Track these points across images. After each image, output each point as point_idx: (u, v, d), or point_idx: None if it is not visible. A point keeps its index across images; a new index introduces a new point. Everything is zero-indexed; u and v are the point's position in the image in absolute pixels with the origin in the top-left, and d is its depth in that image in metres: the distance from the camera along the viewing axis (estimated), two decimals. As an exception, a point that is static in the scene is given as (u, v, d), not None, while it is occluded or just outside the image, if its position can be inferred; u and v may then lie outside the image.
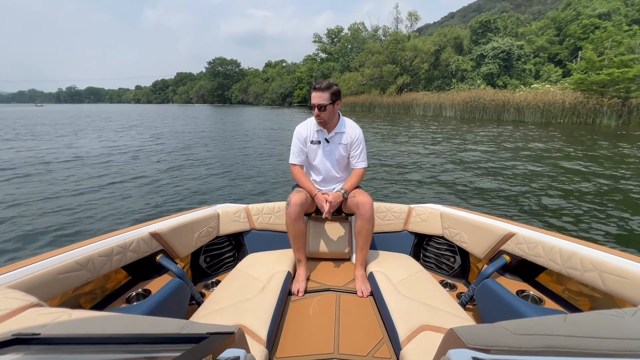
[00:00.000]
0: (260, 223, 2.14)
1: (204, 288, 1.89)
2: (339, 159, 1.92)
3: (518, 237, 1.56)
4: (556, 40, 35.91)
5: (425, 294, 1.51)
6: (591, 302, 1.34)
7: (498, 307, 1.39)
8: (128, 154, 9.03)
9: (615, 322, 0.62)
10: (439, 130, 14.95)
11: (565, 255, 1.32)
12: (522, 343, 0.55)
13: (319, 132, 1.90)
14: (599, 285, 1.19)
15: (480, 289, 1.54)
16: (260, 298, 1.42)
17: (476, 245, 1.77)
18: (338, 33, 52.78)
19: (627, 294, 1.11)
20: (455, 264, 2.04)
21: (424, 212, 2.09)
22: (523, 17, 43.20)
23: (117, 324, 0.72)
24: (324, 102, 1.74)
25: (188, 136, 13.77)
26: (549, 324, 0.61)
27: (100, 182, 5.97)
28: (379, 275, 1.66)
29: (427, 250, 2.16)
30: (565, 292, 1.47)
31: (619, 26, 19.76)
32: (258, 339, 1.15)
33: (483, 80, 29.30)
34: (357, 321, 1.42)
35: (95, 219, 4.20)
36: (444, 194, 5.28)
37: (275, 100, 61.31)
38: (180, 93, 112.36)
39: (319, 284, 1.73)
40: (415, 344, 1.14)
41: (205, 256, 2.03)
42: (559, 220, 3.96)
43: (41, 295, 0.99)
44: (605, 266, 1.18)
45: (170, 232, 1.67)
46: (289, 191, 1.91)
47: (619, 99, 16.40)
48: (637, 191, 5.08)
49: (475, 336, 0.58)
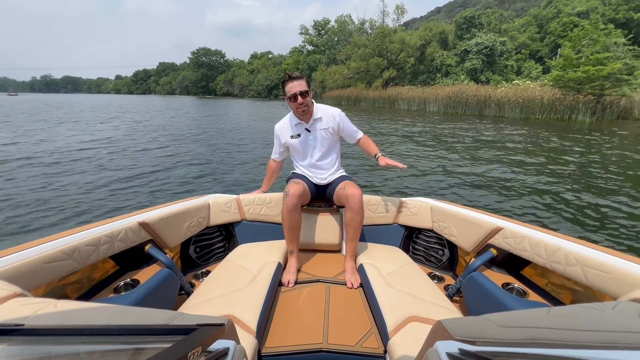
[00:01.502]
0: (251, 214, 2.14)
1: (194, 278, 1.88)
2: (323, 143, 1.96)
3: (505, 232, 1.59)
4: (537, 37, 36.72)
5: (414, 285, 1.54)
6: (573, 295, 1.38)
7: (484, 299, 1.43)
8: (107, 147, 8.62)
9: (597, 315, 0.63)
10: (415, 123, 15.05)
11: (550, 249, 1.35)
12: (507, 335, 0.56)
13: (298, 126, 1.94)
14: (581, 279, 1.22)
15: (467, 282, 1.58)
16: (250, 289, 1.42)
17: (464, 238, 1.81)
18: (325, 25, 52.17)
19: (607, 288, 1.14)
20: (444, 256, 2.08)
21: (415, 206, 2.12)
22: (507, 14, 43.88)
23: (104, 314, 0.70)
24: (304, 88, 1.77)
25: (176, 130, 13.31)
26: (533, 316, 0.62)
27: (78, 177, 5.67)
28: (369, 267, 1.68)
29: (416, 243, 2.20)
30: (549, 285, 1.51)
31: (595, 25, 20.27)
32: (248, 329, 1.16)
33: (467, 76, 29.66)
34: (347, 312, 1.44)
35: (72, 211, 4.08)
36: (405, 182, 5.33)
37: (261, 92, 60.30)
38: (163, 84, 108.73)
39: (310, 275, 1.75)
40: (403, 334, 1.16)
41: (195, 246, 2.02)
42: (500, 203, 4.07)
43: (25, 285, 0.97)
44: (588, 261, 1.20)
45: (160, 221, 1.65)
46: (284, 182, 1.96)
47: (594, 96, 16.92)
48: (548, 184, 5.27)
49: (462, 328, 0.59)
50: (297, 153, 2.03)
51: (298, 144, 1.96)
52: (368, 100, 31.52)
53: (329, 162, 2.01)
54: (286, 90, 1.79)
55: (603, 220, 3.95)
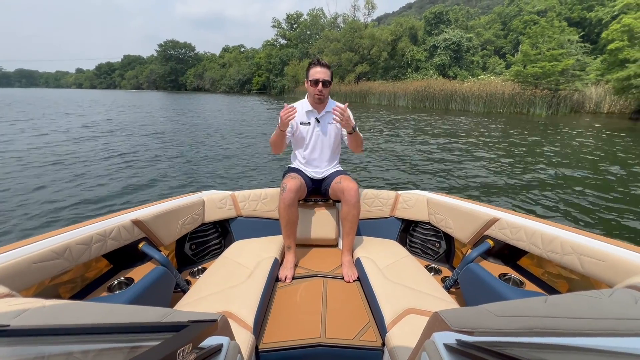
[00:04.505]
0: (246, 210, 2.12)
1: (190, 276, 1.86)
2: (330, 137, 1.95)
3: (502, 222, 1.58)
4: (501, 34, 38.17)
5: (411, 278, 1.54)
6: (569, 284, 1.39)
7: (481, 290, 1.43)
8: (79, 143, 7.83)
9: (593, 302, 0.63)
10: (381, 117, 15.12)
11: (547, 239, 1.35)
12: (505, 324, 0.56)
13: (309, 113, 1.93)
14: (577, 267, 1.22)
15: (464, 273, 1.58)
16: (247, 285, 1.42)
17: (461, 230, 1.81)
18: (297, 19, 51.28)
19: (603, 276, 1.14)
20: (441, 249, 2.08)
21: (411, 199, 2.12)
22: (473, 11, 45.25)
23: (94, 313, 0.69)
24: (328, 78, 1.81)
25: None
26: (530, 305, 0.62)
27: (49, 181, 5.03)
28: (366, 261, 1.68)
29: (413, 235, 2.21)
30: (545, 274, 1.52)
31: (550, 22, 21.25)
32: (245, 325, 1.15)
33: (436, 71, 30.28)
34: (344, 306, 1.44)
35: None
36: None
37: (233, 87, 58.47)
38: (129, 78, 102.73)
39: (307, 270, 1.75)
40: (401, 327, 1.16)
41: (191, 243, 1.99)
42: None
43: (14, 286, 0.97)
44: (584, 249, 1.20)
45: (154, 219, 1.62)
46: (278, 178, 1.81)
47: (550, 90, 17.78)
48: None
49: (459, 319, 0.59)
50: (300, 141, 1.99)
51: (305, 133, 1.94)
52: (340, 95, 31.39)
53: (329, 157, 2.01)
54: (310, 73, 1.82)
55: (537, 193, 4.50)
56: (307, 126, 1.93)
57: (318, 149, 1.97)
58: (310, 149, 1.97)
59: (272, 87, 48.14)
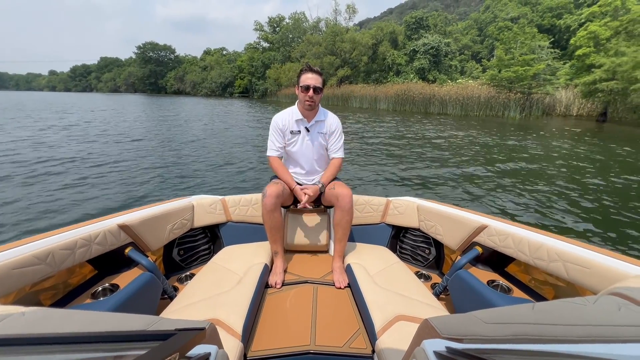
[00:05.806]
0: (237, 215, 2.09)
1: (178, 282, 1.83)
2: (319, 149, 1.94)
3: (490, 229, 1.59)
4: (478, 39, 39.48)
5: (401, 285, 1.54)
6: (555, 290, 1.41)
7: (470, 296, 1.43)
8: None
9: (579, 309, 0.64)
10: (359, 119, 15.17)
11: (534, 246, 1.36)
12: (493, 331, 0.57)
13: (299, 122, 1.91)
14: (563, 274, 1.24)
15: (454, 280, 1.58)
16: (236, 291, 1.39)
17: (450, 237, 1.81)
18: (280, 22, 51.19)
19: (588, 283, 1.15)
20: (430, 255, 2.08)
21: (402, 205, 2.12)
22: (451, 17, 46.66)
23: (77, 321, 0.65)
24: (319, 85, 1.79)
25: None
26: (518, 312, 0.63)
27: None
28: (357, 267, 1.68)
29: (403, 242, 2.20)
30: (532, 281, 1.54)
31: (522, 29, 22.09)
32: (233, 333, 1.13)
33: (416, 75, 30.87)
34: (334, 313, 1.42)
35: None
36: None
37: (214, 90, 57.46)
38: (106, 80, 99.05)
39: (297, 276, 1.72)
40: (391, 334, 1.16)
41: (179, 249, 1.95)
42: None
43: None
44: (569, 256, 1.22)
45: (141, 224, 1.58)
46: (268, 183, 1.86)
47: (523, 94, 18.43)
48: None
49: (449, 326, 0.59)
50: (290, 153, 1.96)
51: (294, 143, 1.92)
52: (322, 98, 31.37)
53: (320, 164, 1.99)
54: (301, 79, 1.80)
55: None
56: (297, 135, 1.91)
57: (306, 161, 1.95)
58: (299, 156, 1.95)
59: (254, 91, 47.62)
